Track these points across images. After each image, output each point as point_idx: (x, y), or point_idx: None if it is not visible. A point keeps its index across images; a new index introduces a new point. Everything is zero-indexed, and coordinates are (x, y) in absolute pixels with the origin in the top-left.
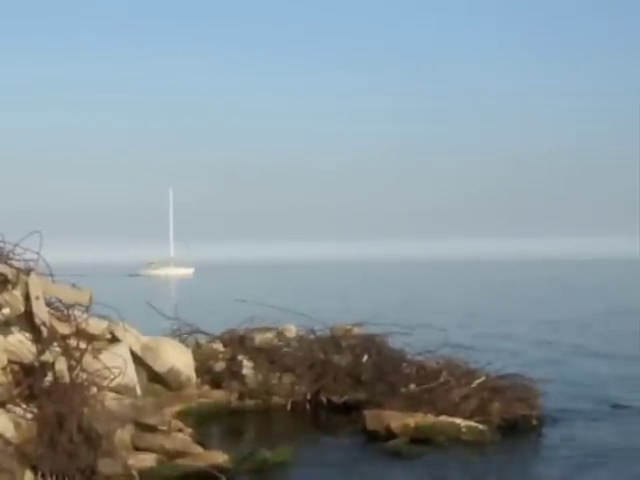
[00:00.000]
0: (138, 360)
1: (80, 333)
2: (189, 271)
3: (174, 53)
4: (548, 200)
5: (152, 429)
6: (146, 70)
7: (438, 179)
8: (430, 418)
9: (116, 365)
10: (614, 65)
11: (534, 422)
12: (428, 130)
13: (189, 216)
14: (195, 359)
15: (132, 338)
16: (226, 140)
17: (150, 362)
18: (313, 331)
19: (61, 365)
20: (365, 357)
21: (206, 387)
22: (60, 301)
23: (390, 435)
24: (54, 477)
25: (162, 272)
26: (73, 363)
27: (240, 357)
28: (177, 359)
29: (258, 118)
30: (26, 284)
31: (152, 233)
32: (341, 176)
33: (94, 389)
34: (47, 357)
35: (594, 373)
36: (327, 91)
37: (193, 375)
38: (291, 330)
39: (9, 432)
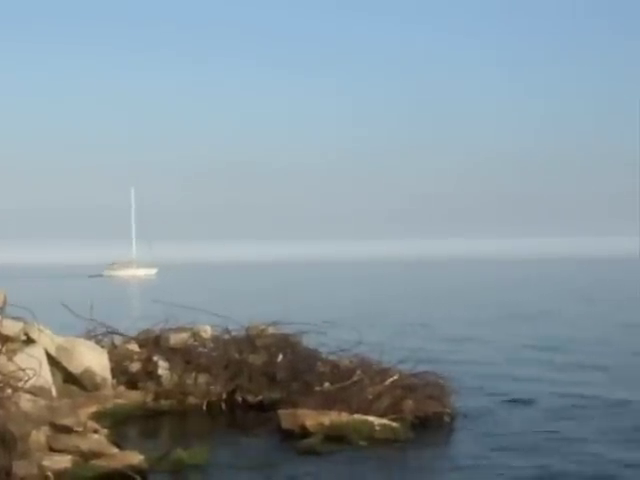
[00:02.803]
0: (53, 361)
1: None
2: (152, 272)
3: (134, 56)
4: (506, 201)
5: (67, 430)
6: (106, 72)
7: (394, 180)
8: (344, 416)
9: (31, 366)
10: (580, 68)
11: (446, 419)
12: (388, 133)
13: (152, 216)
14: (111, 360)
15: (47, 339)
16: (187, 140)
17: (65, 363)
18: (228, 331)
19: None
20: (280, 356)
21: (122, 388)
22: None
23: (305, 433)
24: None
25: (124, 273)
26: None
27: (155, 358)
28: (92, 360)
29: (223, 119)
30: None
31: (115, 233)
32: (302, 176)
33: (9, 391)
34: None
35: (505, 371)
36: (291, 94)
37: (108, 376)
38: (206, 330)
39: None
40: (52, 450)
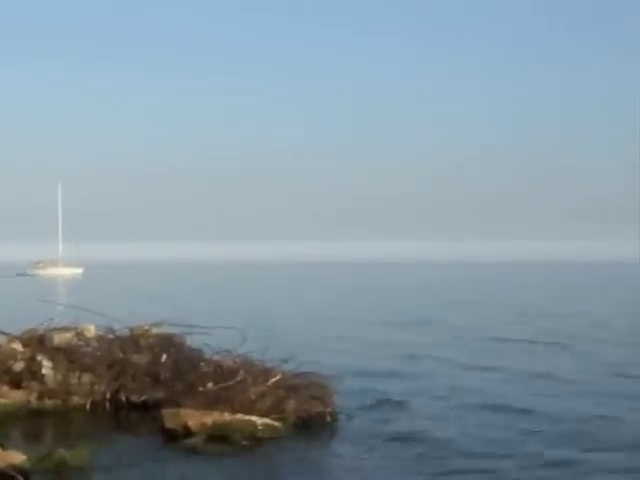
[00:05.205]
0: None
1: None
2: (78, 271)
3: (55, 55)
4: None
5: None
6: (32, 70)
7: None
8: (227, 416)
9: None
10: (524, 69)
11: (328, 419)
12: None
13: (81, 215)
14: None
15: None
16: (120, 143)
17: None
18: (112, 331)
19: None
20: (164, 356)
21: (5, 387)
22: None
23: (188, 433)
24: None
25: (50, 272)
26: None
27: (39, 357)
28: None
29: (149, 120)
30: None
31: (42, 231)
32: (225, 178)
33: None
34: None
35: (386, 370)
36: (213, 93)
37: None
38: (90, 330)
39: None
40: None
